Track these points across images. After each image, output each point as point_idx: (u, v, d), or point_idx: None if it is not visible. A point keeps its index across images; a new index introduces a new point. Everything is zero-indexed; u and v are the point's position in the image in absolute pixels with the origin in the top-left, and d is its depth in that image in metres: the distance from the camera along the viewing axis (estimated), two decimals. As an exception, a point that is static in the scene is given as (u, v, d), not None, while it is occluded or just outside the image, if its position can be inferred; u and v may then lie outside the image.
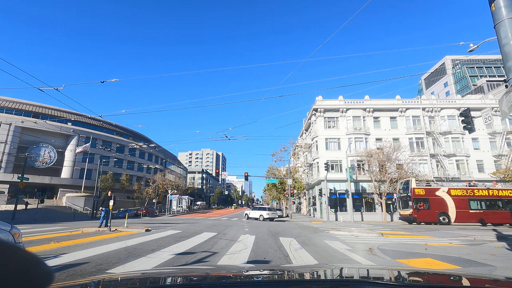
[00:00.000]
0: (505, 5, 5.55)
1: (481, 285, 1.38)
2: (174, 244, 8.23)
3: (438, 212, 22.85)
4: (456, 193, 23.41)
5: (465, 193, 23.45)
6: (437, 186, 24.43)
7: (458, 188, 24.13)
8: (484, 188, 24.09)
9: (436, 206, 22.99)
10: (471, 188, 23.84)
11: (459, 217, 22.70)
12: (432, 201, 23.21)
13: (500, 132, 34.52)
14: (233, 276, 1.67)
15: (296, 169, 42.98)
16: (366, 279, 1.46)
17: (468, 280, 1.47)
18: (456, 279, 1.48)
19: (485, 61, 62.56)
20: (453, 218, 22.68)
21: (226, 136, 24.09)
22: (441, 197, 23.26)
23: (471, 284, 1.38)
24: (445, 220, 22.60)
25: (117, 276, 1.96)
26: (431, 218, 22.76)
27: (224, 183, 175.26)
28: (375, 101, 36.61)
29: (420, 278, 1.59)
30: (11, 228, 4.66)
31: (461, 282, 1.43)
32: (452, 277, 1.55)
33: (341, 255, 7.19)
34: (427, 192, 23.59)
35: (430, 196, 23.35)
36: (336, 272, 1.83)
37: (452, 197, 23.16)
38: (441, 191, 23.61)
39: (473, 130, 11.94)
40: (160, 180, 53.09)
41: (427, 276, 1.65)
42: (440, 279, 1.54)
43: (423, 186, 24.16)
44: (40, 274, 0.50)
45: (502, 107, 5.74)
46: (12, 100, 48.56)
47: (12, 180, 40.43)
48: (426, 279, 1.57)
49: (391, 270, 1.84)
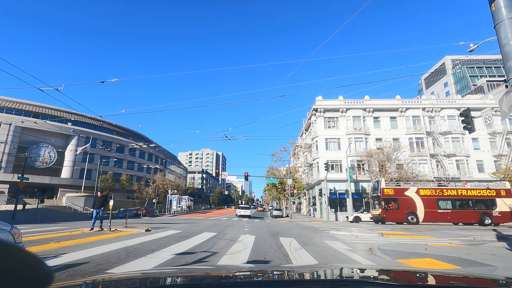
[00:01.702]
0: (505, 5, 5.55)
1: (481, 285, 1.38)
2: (174, 244, 8.23)
3: (407, 212, 22.95)
4: (425, 193, 23.51)
5: (434, 193, 23.55)
6: (406, 186, 24.51)
7: (427, 188, 24.22)
8: (453, 188, 24.21)
9: (405, 206, 23.08)
10: (440, 188, 23.95)
11: (428, 216, 22.84)
12: (401, 201, 23.30)
13: (500, 132, 34.52)
14: (233, 276, 1.67)
15: (296, 169, 42.97)
16: (366, 279, 1.46)
17: (468, 280, 1.47)
18: (456, 279, 1.48)
19: (485, 61, 62.58)
20: (421, 218, 22.79)
21: (226, 136, 24.11)
22: (410, 197, 23.36)
23: (471, 284, 1.38)
24: (413, 220, 22.70)
25: (117, 276, 1.96)
26: (400, 217, 22.90)
27: (224, 183, 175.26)
28: (375, 101, 36.62)
29: (420, 278, 1.59)
30: (11, 228, 4.66)
31: (461, 282, 1.43)
32: (452, 277, 1.55)
33: (341, 255, 7.19)
34: (396, 192, 23.69)
35: (399, 196, 23.43)
36: (336, 272, 1.83)
37: (421, 197, 23.26)
38: (410, 191, 23.71)
39: (473, 130, 11.94)
40: (160, 180, 53.07)
41: (427, 276, 1.65)
42: (440, 279, 1.54)
43: (392, 186, 24.32)
44: (40, 274, 0.49)
45: (502, 107, 5.74)
46: (12, 100, 48.56)
47: (12, 180, 40.42)
48: (426, 279, 1.57)
49: (391, 270, 1.84)
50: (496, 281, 1.49)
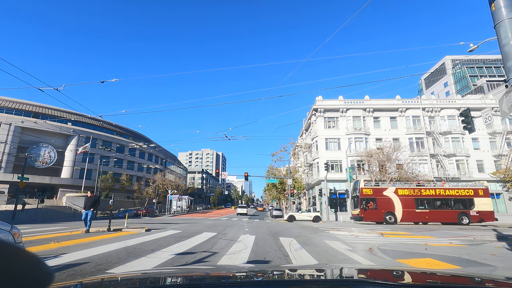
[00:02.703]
0: (505, 5, 5.55)
1: (480, 285, 1.38)
2: (174, 244, 8.23)
3: (385, 211, 23.07)
4: (403, 192, 23.60)
5: (412, 192, 23.64)
6: (385, 186, 24.61)
7: (406, 188, 24.28)
8: (431, 188, 24.25)
9: (383, 206, 23.19)
10: (418, 188, 24.01)
11: (405, 216, 22.94)
12: (380, 200, 23.40)
13: (500, 132, 34.51)
14: (233, 276, 1.67)
15: (296, 169, 42.97)
16: (366, 279, 1.46)
17: (468, 280, 1.47)
18: (456, 279, 1.49)
19: (485, 61, 62.56)
20: (399, 218, 22.90)
21: (226, 136, 24.12)
22: (388, 197, 23.46)
23: (471, 284, 1.38)
24: (391, 220, 22.80)
25: (117, 276, 1.96)
26: (378, 217, 22.99)
27: (224, 183, 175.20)
28: (375, 101, 36.61)
29: (420, 278, 1.59)
30: (11, 228, 4.66)
31: (461, 282, 1.43)
32: (452, 277, 1.55)
33: (341, 255, 7.19)
34: (374, 192, 23.79)
35: (378, 196, 23.55)
36: (336, 272, 1.83)
37: (399, 197, 23.35)
38: (388, 191, 23.80)
39: (473, 130, 11.94)
40: (160, 180, 53.06)
41: (427, 276, 1.65)
42: (440, 279, 1.54)
43: (371, 186, 24.42)
44: (40, 274, 0.49)
45: (502, 107, 5.74)
46: (12, 100, 48.55)
47: (12, 180, 40.42)
48: (426, 279, 1.57)
49: (391, 270, 1.84)
50: (496, 281, 1.49)
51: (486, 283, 1.43)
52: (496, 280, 1.49)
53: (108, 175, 48.93)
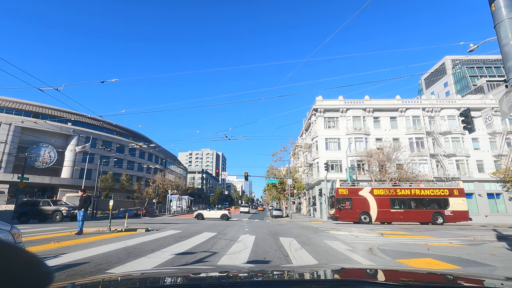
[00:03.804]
0: (505, 5, 5.55)
1: (480, 285, 1.38)
2: (174, 244, 8.23)
3: (360, 211, 23.14)
4: (379, 192, 23.64)
5: (387, 192, 23.68)
6: (361, 186, 24.72)
7: (381, 188, 24.33)
8: (406, 188, 24.25)
9: (358, 206, 23.25)
10: (394, 188, 24.06)
11: (380, 216, 23.00)
12: (355, 200, 23.47)
13: (500, 132, 34.51)
14: (233, 276, 1.67)
15: (296, 169, 42.96)
16: (366, 279, 1.46)
17: (468, 280, 1.47)
18: (456, 279, 1.48)
19: (485, 61, 62.56)
20: (374, 217, 22.96)
21: (226, 136, 24.12)
22: (364, 196, 23.51)
23: (470, 284, 1.38)
24: (366, 220, 22.84)
25: (117, 276, 1.96)
26: (353, 217, 23.09)
27: (224, 183, 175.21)
28: (375, 101, 36.61)
29: (420, 278, 1.59)
30: (11, 228, 4.66)
31: (461, 282, 1.43)
32: (452, 277, 1.55)
33: (341, 255, 7.19)
34: (350, 192, 23.87)
35: (353, 196, 23.63)
36: (336, 272, 1.83)
37: (375, 197, 23.39)
38: (364, 191, 23.84)
39: (473, 130, 11.94)
40: (160, 180, 53.07)
41: (427, 276, 1.65)
42: (440, 279, 1.54)
43: (347, 186, 24.53)
44: (40, 274, 0.49)
45: (502, 107, 5.74)
46: (12, 100, 48.55)
47: (12, 180, 40.41)
48: (426, 279, 1.57)
49: (391, 270, 1.84)
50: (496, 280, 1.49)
51: (485, 283, 1.43)
52: (496, 280, 1.49)
53: (108, 175, 48.92)
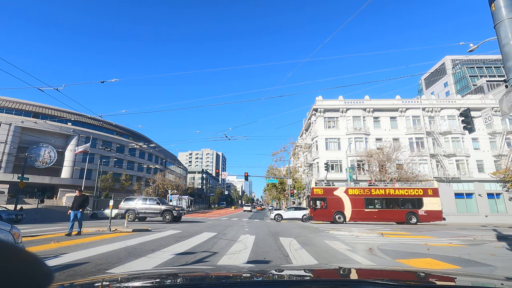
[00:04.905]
0: (505, 5, 5.55)
1: (480, 284, 1.38)
2: (174, 244, 8.23)
3: (335, 211, 23.21)
4: (353, 192, 23.73)
5: (362, 192, 23.78)
6: (336, 186, 24.83)
7: (356, 187, 24.45)
8: (381, 187, 24.37)
9: (333, 205, 23.32)
10: (368, 188, 24.17)
11: (354, 215, 23.09)
12: (330, 200, 23.54)
13: (500, 132, 34.51)
14: (233, 276, 1.67)
15: (296, 169, 42.99)
16: (366, 279, 1.46)
17: (468, 280, 1.47)
18: (456, 279, 1.48)
19: (485, 61, 62.55)
20: (348, 217, 23.05)
21: (226, 136, 24.12)
22: (338, 196, 23.59)
23: (470, 284, 1.38)
24: (340, 219, 22.92)
25: (117, 276, 1.96)
26: (327, 217, 23.18)
27: (224, 183, 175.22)
28: (375, 101, 36.61)
29: (420, 278, 1.59)
30: (11, 228, 4.67)
31: (461, 282, 1.43)
32: (452, 277, 1.55)
33: (341, 255, 7.19)
34: (325, 192, 23.96)
35: (328, 196, 23.70)
36: (336, 272, 1.83)
37: (349, 196, 23.48)
38: (339, 190, 23.93)
39: (473, 130, 11.93)
40: (160, 180, 53.09)
41: (427, 276, 1.65)
42: (440, 279, 1.54)
43: (322, 186, 24.65)
44: (40, 274, 0.50)
45: (502, 107, 5.74)
46: (12, 100, 48.55)
47: (12, 180, 40.41)
48: (426, 279, 1.57)
49: (391, 270, 1.84)
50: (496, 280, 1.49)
51: (485, 282, 1.43)
52: (496, 280, 1.49)
53: (108, 175, 48.93)
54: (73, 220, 10.58)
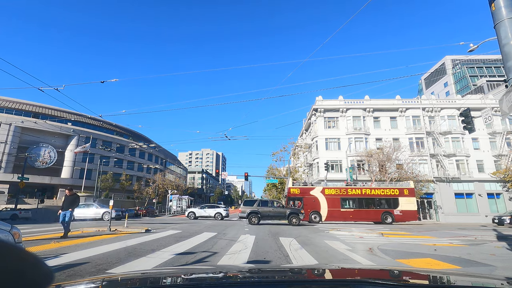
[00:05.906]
0: (505, 5, 5.55)
1: (480, 284, 1.38)
2: (174, 244, 8.23)
3: (311, 211, 23.31)
4: (330, 192, 23.86)
5: (338, 192, 23.92)
6: (312, 186, 24.99)
7: (332, 187, 24.54)
8: (357, 187, 24.50)
9: (310, 205, 23.44)
10: (345, 188, 24.30)
11: (330, 215, 23.23)
12: (306, 200, 23.66)
13: (500, 132, 34.51)
14: (233, 276, 1.67)
15: (296, 169, 42.98)
16: (366, 279, 1.46)
17: (468, 280, 1.47)
18: (456, 279, 1.49)
19: (485, 61, 62.56)
20: (324, 217, 23.19)
21: (226, 136, 24.12)
22: (315, 196, 23.72)
23: (470, 284, 1.38)
24: (316, 219, 23.05)
25: (117, 276, 1.96)
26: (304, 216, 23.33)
27: (224, 183, 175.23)
28: (375, 101, 36.62)
29: (420, 278, 1.59)
30: (11, 228, 4.67)
31: (461, 282, 1.43)
32: (452, 277, 1.55)
33: (341, 255, 7.19)
34: (302, 192, 24.07)
35: (305, 195, 23.84)
36: (336, 272, 1.83)
37: (326, 196, 23.61)
38: (315, 190, 24.05)
39: (473, 130, 11.94)
40: (160, 180, 53.07)
41: (427, 276, 1.65)
42: (440, 279, 1.54)
43: (298, 186, 24.75)
44: (40, 274, 0.50)
45: (502, 107, 5.74)
46: (12, 100, 48.57)
47: (12, 180, 40.43)
48: (426, 279, 1.57)
49: (391, 270, 1.84)
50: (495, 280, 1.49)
51: (485, 282, 1.43)
52: (495, 279, 1.49)
53: (108, 175, 48.94)
54: (62, 221, 9.94)
